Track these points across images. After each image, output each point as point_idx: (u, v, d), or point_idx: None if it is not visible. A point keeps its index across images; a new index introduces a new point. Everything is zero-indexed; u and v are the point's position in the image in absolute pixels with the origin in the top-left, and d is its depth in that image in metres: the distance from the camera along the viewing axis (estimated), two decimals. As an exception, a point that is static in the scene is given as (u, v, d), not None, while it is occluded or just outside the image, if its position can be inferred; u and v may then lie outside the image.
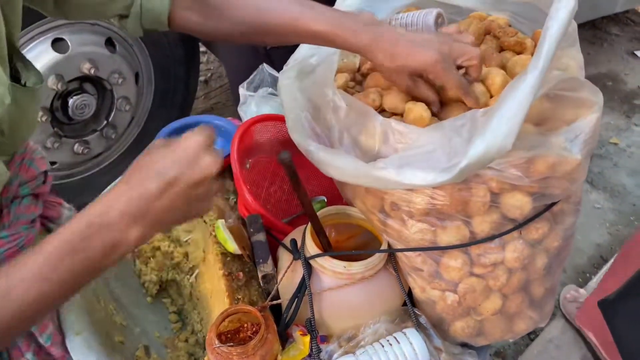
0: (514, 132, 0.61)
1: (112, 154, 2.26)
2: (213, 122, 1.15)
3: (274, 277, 0.83)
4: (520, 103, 0.62)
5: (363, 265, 0.78)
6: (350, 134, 0.76)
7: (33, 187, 0.80)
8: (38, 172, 0.81)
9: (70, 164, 2.13)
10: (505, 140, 0.61)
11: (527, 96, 0.62)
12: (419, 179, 0.63)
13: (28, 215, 0.77)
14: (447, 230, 0.74)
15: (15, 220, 0.75)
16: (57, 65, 1.88)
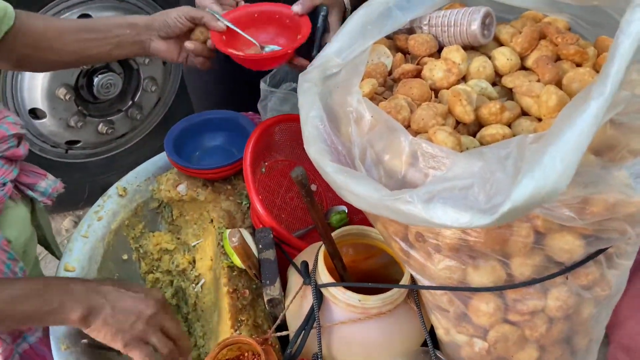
0: (571, 172, 0.50)
1: (137, 135, 2.22)
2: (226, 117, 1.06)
3: (281, 302, 0.76)
4: (581, 136, 0.51)
5: (380, 300, 0.69)
6: (374, 151, 0.66)
7: (3, 150, 0.80)
8: (8, 134, 0.81)
9: (95, 143, 2.11)
10: (559, 180, 0.51)
11: (589, 127, 0.51)
12: (451, 220, 0.53)
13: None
14: (480, 270, 0.64)
15: None
16: (84, 42, 1.83)
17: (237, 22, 0.92)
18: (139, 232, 1.00)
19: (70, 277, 0.78)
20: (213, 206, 0.95)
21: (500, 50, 0.75)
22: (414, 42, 0.79)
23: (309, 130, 0.70)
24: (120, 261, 0.97)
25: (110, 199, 0.97)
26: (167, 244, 1.01)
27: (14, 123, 0.83)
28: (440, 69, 0.73)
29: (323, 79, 0.76)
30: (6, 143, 0.80)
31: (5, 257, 0.75)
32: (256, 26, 0.95)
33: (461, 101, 0.67)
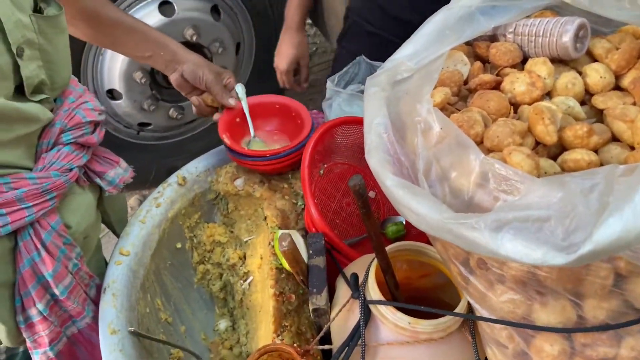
0: (668, 212, 0.44)
1: (206, 122, 2.26)
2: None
3: (326, 312, 0.73)
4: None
5: (432, 325, 0.65)
6: (440, 166, 0.62)
7: (77, 136, 0.81)
8: (84, 120, 0.82)
9: (165, 127, 2.17)
10: (652, 219, 0.44)
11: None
12: (521, 254, 0.48)
13: (64, 163, 0.78)
14: (548, 308, 0.58)
15: (49, 165, 0.77)
16: (162, 28, 1.88)
17: (253, 107, 1.03)
18: (194, 222, 1.01)
19: None
20: (268, 204, 0.94)
21: (593, 66, 0.68)
22: (495, 50, 0.73)
23: (371, 139, 0.66)
24: (174, 249, 0.97)
25: (170, 187, 0.98)
26: (220, 236, 1.01)
27: (92, 109, 0.85)
28: (522, 82, 0.67)
29: (392, 83, 0.72)
30: (80, 130, 0.82)
31: (60, 241, 0.77)
32: (269, 115, 1.05)
33: (544, 120, 0.61)
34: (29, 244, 0.74)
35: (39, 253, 0.74)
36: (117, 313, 0.78)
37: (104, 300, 0.79)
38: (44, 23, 0.73)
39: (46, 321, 0.77)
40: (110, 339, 0.75)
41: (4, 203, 0.70)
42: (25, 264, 0.74)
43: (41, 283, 0.76)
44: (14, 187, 0.71)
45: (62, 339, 0.79)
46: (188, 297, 0.97)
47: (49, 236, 0.75)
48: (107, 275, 0.83)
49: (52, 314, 0.77)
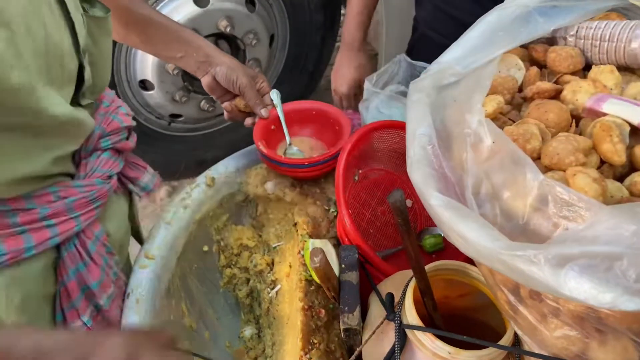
0: None
1: (236, 115, 2.24)
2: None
3: (358, 333, 0.68)
4: None
5: (475, 357, 0.59)
6: (491, 184, 0.56)
7: (115, 141, 0.79)
8: (121, 125, 0.80)
9: (196, 119, 2.15)
10: None
11: None
12: (587, 296, 0.42)
13: (105, 170, 0.76)
14: (607, 347, 0.52)
15: (91, 172, 0.74)
16: (195, 19, 1.86)
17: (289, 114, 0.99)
18: (222, 224, 0.97)
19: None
20: (299, 209, 0.89)
21: (668, 75, 0.61)
22: (555, 55, 0.66)
23: (414, 151, 0.61)
24: (200, 252, 0.94)
25: (198, 188, 0.95)
26: (249, 240, 0.97)
27: (126, 114, 0.83)
28: (586, 92, 0.60)
29: (438, 88, 0.67)
30: (118, 135, 0.79)
31: (104, 251, 0.75)
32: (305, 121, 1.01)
33: (612, 137, 0.54)
34: (74, 254, 0.71)
35: (84, 263, 0.72)
36: (141, 319, 0.76)
37: (128, 306, 0.77)
38: (92, 24, 0.71)
39: None
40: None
41: (53, 214, 0.67)
42: (71, 275, 0.71)
43: (85, 294, 0.73)
44: (62, 197, 0.68)
45: None
46: (213, 302, 0.94)
47: (94, 246, 0.73)
48: (132, 279, 0.80)
49: (96, 325, 0.74)
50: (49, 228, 0.68)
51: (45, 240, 0.67)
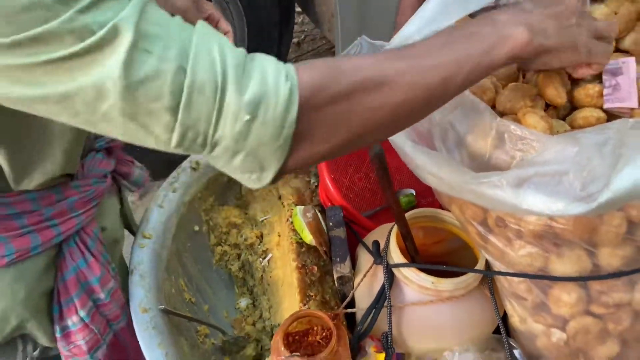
0: (679, 159, 0.47)
1: (201, 113, 2.27)
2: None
3: (350, 279, 0.76)
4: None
5: (454, 284, 0.68)
6: (457, 131, 0.65)
7: (108, 141, 0.81)
8: None
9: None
10: (664, 169, 0.48)
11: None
12: (543, 207, 0.51)
13: (100, 169, 0.78)
14: (564, 259, 0.61)
15: (88, 172, 0.76)
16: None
17: None
18: (209, 205, 1.03)
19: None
20: (282, 183, 0.96)
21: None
22: (499, 21, 0.76)
23: (388, 109, 0.69)
24: (192, 232, 1.00)
25: (184, 172, 1.00)
26: (236, 218, 1.03)
27: None
28: (528, 49, 0.70)
29: (402, 57, 0.75)
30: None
31: (102, 247, 0.78)
32: None
33: (554, 83, 0.64)
34: (74, 251, 0.74)
35: (85, 260, 0.75)
36: (146, 293, 0.81)
37: (133, 282, 0.82)
38: None
39: (87, 328, 0.76)
40: (142, 317, 0.78)
41: (57, 214, 0.70)
42: (71, 271, 0.74)
43: (85, 290, 0.75)
44: (65, 196, 0.71)
45: (102, 346, 0.79)
46: (208, 278, 0.99)
47: (93, 243, 0.76)
48: (133, 257, 0.85)
49: (94, 321, 0.77)
50: (52, 227, 0.71)
51: (50, 239, 0.70)
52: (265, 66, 0.45)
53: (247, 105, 0.43)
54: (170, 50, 0.41)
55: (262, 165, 0.46)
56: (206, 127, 0.43)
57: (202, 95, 0.42)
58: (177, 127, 0.43)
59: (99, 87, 0.40)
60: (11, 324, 0.71)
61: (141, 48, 0.41)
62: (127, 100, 0.41)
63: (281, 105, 0.44)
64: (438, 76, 0.50)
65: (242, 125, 0.43)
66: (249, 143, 0.44)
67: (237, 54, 0.44)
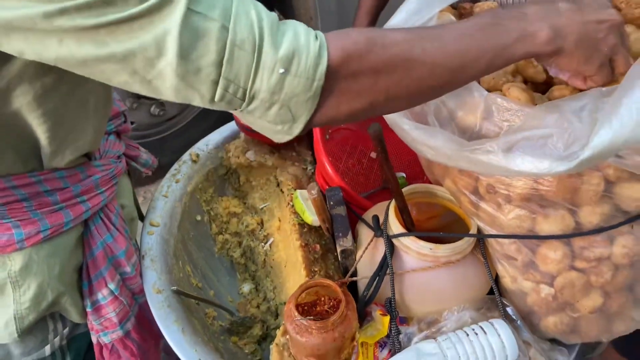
0: (646, 118, 0.54)
1: (185, 117, 2.30)
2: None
3: (353, 252, 0.81)
4: (656, 84, 0.54)
5: (450, 249, 0.74)
6: (448, 108, 0.71)
7: (117, 124, 0.86)
8: (120, 110, 0.87)
9: (147, 124, 2.19)
10: (635, 131, 0.54)
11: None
12: (531, 167, 0.57)
13: (114, 151, 0.83)
14: (550, 219, 0.68)
15: (104, 154, 0.81)
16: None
17: None
18: (209, 196, 1.07)
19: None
20: (280, 171, 1.01)
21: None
22: (479, 9, 0.83)
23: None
24: (195, 221, 1.03)
25: (185, 164, 1.04)
26: (235, 207, 1.08)
27: (119, 99, 0.90)
28: (508, 32, 0.77)
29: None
30: (119, 119, 0.86)
31: (124, 222, 0.82)
32: None
33: (532, 62, 0.71)
34: (101, 227, 0.78)
35: (111, 234, 0.78)
36: (158, 275, 0.84)
37: (145, 265, 0.85)
38: None
39: (117, 300, 0.79)
40: (157, 297, 0.81)
41: (85, 190, 0.74)
42: (99, 246, 0.77)
43: (112, 263, 0.79)
44: (89, 175, 0.75)
45: (131, 317, 0.82)
46: (211, 265, 1.03)
47: (116, 218, 0.80)
48: (142, 243, 0.89)
49: (122, 293, 0.80)
50: (82, 203, 0.75)
51: (80, 214, 0.74)
52: (297, 27, 0.50)
53: (281, 59, 0.48)
54: (215, 11, 0.47)
55: (294, 115, 0.51)
56: (246, 80, 0.48)
57: (242, 51, 0.47)
58: (221, 80, 0.48)
59: (160, 44, 0.45)
60: (47, 299, 0.73)
61: (192, 9, 0.45)
62: (182, 57, 0.46)
63: (312, 60, 0.49)
64: (460, 62, 0.55)
65: (277, 77, 0.48)
66: (283, 94, 0.49)
67: (272, 17, 0.50)
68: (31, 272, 0.71)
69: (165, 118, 2.22)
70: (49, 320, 0.77)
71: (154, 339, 0.88)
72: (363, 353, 0.72)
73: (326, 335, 0.69)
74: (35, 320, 0.73)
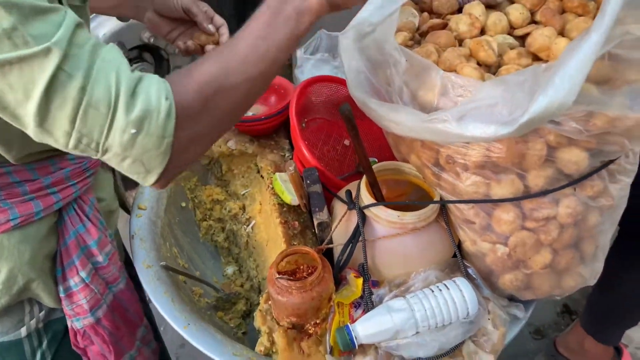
0: (576, 89, 0.62)
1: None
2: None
3: (329, 225, 0.88)
4: (583, 61, 0.63)
5: (416, 216, 0.82)
6: (410, 89, 0.79)
7: None
8: None
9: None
10: (567, 96, 0.63)
11: (590, 54, 0.63)
12: (480, 131, 0.65)
13: None
14: (502, 184, 0.76)
15: None
16: (120, 32, 1.97)
17: None
18: (193, 184, 1.13)
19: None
20: (260, 157, 1.08)
21: (514, 6, 0.87)
22: (437, 2, 0.91)
23: (352, 77, 0.82)
24: (180, 208, 1.09)
25: (169, 154, 1.10)
26: (218, 195, 1.14)
27: None
28: (465, 22, 0.85)
29: (360, 37, 0.89)
30: None
31: (98, 214, 0.86)
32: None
33: (484, 47, 0.79)
34: (74, 217, 0.82)
35: (84, 225, 0.83)
36: (147, 253, 0.90)
37: (134, 244, 0.91)
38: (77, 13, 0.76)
39: (87, 288, 0.83)
40: (147, 272, 0.87)
41: (55, 182, 0.78)
42: (71, 235, 0.81)
43: (84, 252, 0.83)
44: (60, 167, 0.79)
45: (102, 305, 0.86)
46: (196, 250, 1.09)
47: (90, 210, 0.85)
48: (132, 225, 0.94)
49: (93, 282, 0.84)
50: (52, 195, 0.79)
51: (51, 205, 0.79)
52: (150, 89, 0.57)
53: (132, 121, 0.55)
54: (79, 72, 0.53)
55: (147, 168, 0.59)
56: (99, 136, 0.55)
57: (96, 111, 0.54)
58: (74, 133, 0.55)
59: (28, 91, 0.52)
60: (18, 283, 0.78)
61: (61, 67, 0.52)
62: (43, 107, 0.53)
63: (162, 121, 0.56)
64: (265, 64, 0.64)
65: (129, 136, 0.55)
66: (135, 151, 0.56)
67: (130, 79, 0.56)
68: (2, 257, 0.75)
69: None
70: (25, 303, 0.81)
71: (128, 328, 0.91)
72: (339, 312, 0.79)
73: (305, 294, 0.75)
74: (7, 303, 0.77)
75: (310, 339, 0.78)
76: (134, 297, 0.91)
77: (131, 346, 0.92)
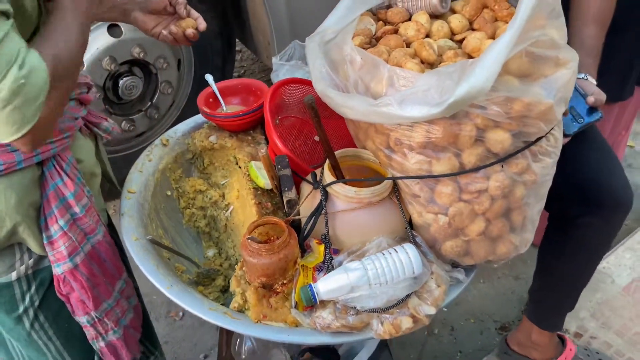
0: (493, 77, 0.76)
1: (154, 134, 2.46)
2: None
3: (296, 202, 1.00)
4: (498, 54, 0.77)
5: (370, 192, 0.94)
6: (364, 82, 0.93)
7: (77, 93, 1.01)
8: (81, 82, 1.02)
9: (117, 140, 2.35)
10: (485, 83, 0.77)
11: (504, 49, 0.77)
12: (416, 112, 0.79)
13: (72, 112, 0.98)
14: (441, 161, 0.89)
15: (63, 113, 0.96)
16: (111, 48, 2.10)
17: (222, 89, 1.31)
18: (178, 176, 1.25)
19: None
20: (238, 150, 1.20)
21: (455, 16, 1.03)
22: (391, 13, 1.06)
23: (316, 74, 0.96)
24: (165, 196, 1.21)
25: (157, 147, 1.22)
26: (200, 186, 1.26)
27: (83, 75, 1.04)
28: (412, 28, 1.00)
29: (324, 42, 1.03)
30: (79, 88, 1.01)
31: (76, 171, 0.96)
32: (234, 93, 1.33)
33: (425, 47, 0.94)
34: (53, 172, 0.92)
35: (61, 179, 0.93)
36: (136, 228, 1.01)
37: (124, 221, 1.02)
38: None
39: (66, 235, 0.92)
40: (135, 243, 0.98)
41: None
42: (50, 188, 0.92)
43: (63, 204, 0.93)
44: None
45: (80, 253, 0.95)
46: (180, 234, 1.20)
47: (68, 166, 0.94)
48: (122, 206, 1.06)
49: (71, 230, 0.93)
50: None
51: (30, 157, 0.89)
52: (33, 56, 0.74)
53: (23, 75, 0.71)
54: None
55: (24, 119, 0.73)
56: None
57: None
58: None
59: None
60: (6, 226, 0.88)
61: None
62: None
63: (42, 78, 0.73)
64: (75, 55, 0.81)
65: (18, 85, 0.71)
66: (18, 100, 0.71)
67: (21, 53, 0.72)
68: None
69: (135, 134, 2.38)
70: (16, 249, 0.92)
71: (106, 278, 1.00)
72: (304, 274, 0.91)
73: (273, 256, 0.87)
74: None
75: (278, 296, 0.89)
76: (114, 253, 1.01)
77: (109, 295, 1.00)
